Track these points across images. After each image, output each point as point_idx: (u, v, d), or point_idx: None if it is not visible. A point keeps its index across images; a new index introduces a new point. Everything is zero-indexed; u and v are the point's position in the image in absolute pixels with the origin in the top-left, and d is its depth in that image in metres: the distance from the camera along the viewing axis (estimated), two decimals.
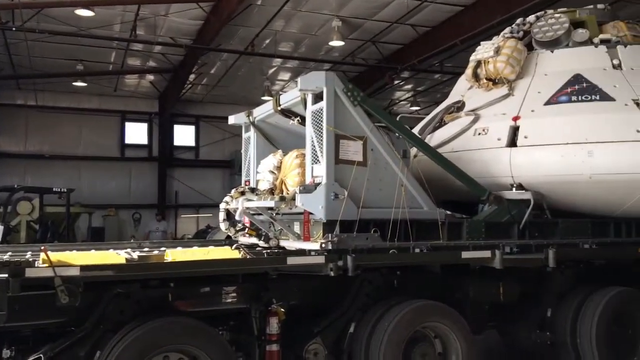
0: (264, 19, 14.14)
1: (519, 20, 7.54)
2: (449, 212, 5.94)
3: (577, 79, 6.32)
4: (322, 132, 5.16)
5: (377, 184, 5.32)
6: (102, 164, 21.00)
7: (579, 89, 6.17)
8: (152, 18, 14.26)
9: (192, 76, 18.41)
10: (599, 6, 7.54)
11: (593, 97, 6.02)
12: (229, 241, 6.55)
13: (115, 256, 5.06)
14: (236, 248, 5.48)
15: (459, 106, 7.09)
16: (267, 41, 15.71)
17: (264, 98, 20.02)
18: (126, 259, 4.89)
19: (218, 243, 6.94)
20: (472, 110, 6.73)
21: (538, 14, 7.42)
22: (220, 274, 4.55)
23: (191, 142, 22.96)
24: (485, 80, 6.87)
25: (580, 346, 5.65)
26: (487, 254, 5.12)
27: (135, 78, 19.78)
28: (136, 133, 22.06)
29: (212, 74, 18.95)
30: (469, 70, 7.03)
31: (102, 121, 21.25)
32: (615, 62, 6.43)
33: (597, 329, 5.53)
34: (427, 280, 5.48)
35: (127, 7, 13.61)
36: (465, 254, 5.07)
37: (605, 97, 5.99)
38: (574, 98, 6.10)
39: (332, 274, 4.55)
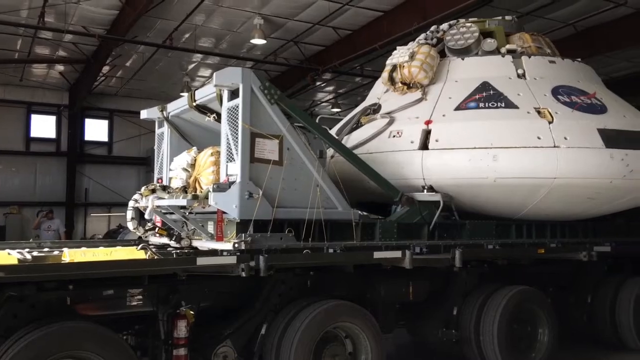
0: (183, 12, 13.65)
1: (433, 28, 7.80)
2: (364, 213, 6.05)
3: (485, 86, 6.61)
4: (237, 130, 5.06)
5: (292, 184, 5.30)
6: (5, 158, 19.58)
7: (487, 96, 6.46)
8: (63, 5, 13.34)
9: (105, 68, 17.56)
10: (507, 18, 7.96)
11: (499, 104, 6.33)
12: (140, 241, 6.28)
13: (6, 257, 4.70)
14: (142, 248, 5.25)
15: (375, 108, 7.22)
16: (187, 35, 15.23)
17: (182, 94, 19.33)
18: (18, 259, 4.54)
19: (127, 243, 6.64)
20: (388, 113, 6.87)
21: (451, 22, 7.71)
22: (124, 276, 4.33)
23: (104, 137, 21.90)
24: (400, 84, 7.04)
25: (483, 344, 5.91)
26: (397, 254, 5.24)
27: (43, 68, 18.58)
28: (43, 126, 20.73)
29: (128, 66, 18.18)
30: (385, 74, 7.17)
31: (6, 112, 19.78)
32: (520, 71, 6.80)
33: (498, 327, 5.80)
34: (341, 280, 5.52)
35: None
36: (377, 254, 5.16)
37: (510, 104, 6.30)
38: (481, 104, 6.38)
39: (243, 274, 4.46)
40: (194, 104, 5.90)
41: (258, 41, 14.51)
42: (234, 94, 5.19)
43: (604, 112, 6.33)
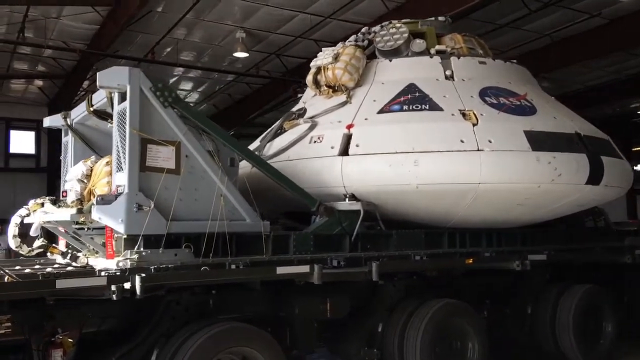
0: (165, 26, 13.67)
1: (364, 29, 7.46)
2: (288, 223, 5.62)
3: (411, 88, 6.27)
4: (126, 136, 4.59)
5: (192, 194, 4.84)
6: None
7: (412, 98, 6.11)
8: (43, 20, 13.26)
9: (86, 83, 17.35)
10: (440, 18, 7.68)
11: (423, 106, 5.98)
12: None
13: None
14: None
15: (300, 113, 6.83)
16: (169, 49, 15.27)
17: None
18: None
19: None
20: (311, 118, 6.48)
21: (383, 23, 7.38)
22: None
23: None
24: (325, 87, 6.67)
25: None
26: (305, 268, 4.80)
27: (22, 83, 18.35)
28: (22, 142, 20.46)
29: None
30: (309, 77, 6.80)
31: None
32: (448, 72, 6.48)
33: (421, 344, 5.39)
34: (248, 299, 5.07)
35: (14, 8, 12.56)
36: (281, 270, 4.70)
37: (435, 106, 5.97)
38: (405, 107, 6.03)
39: (114, 297, 3.97)
40: (92, 109, 5.42)
41: (240, 54, 14.58)
42: (124, 97, 4.72)
43: (533, 114, 6.04)
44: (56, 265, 5.16)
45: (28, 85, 18.57)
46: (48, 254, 5.30)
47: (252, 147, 6.90)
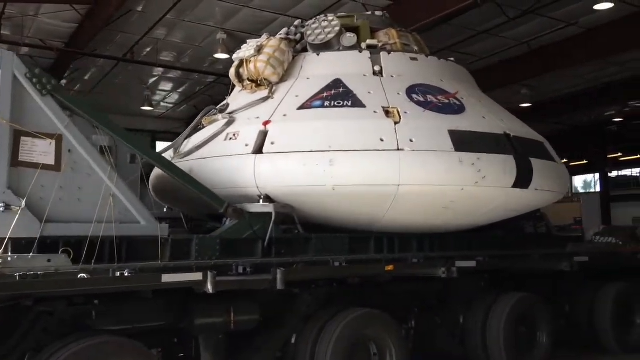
0: (145, 26, 13.36)
1: (297, 22, 7.12)
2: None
3: (336, 83, 5.91)
4: None
5: (75, 194, 4.39)
6: None
7: (335, 94, 5.75)
8: (20, 18, 12.94)
9: (63, 81, 16.87)
10: (377, 13, 7.36)
11: (345, 103, 5.62)
12: None
13: None
14: None
15: (222, 108, 6.40)
16: (148, 49, 14.99)
17: (144, 108, 19.42)
18: None
19: None
20: (230, 113, 6.06)
21: (319, 17, 7.00)
22: None
23: None
24: (248, 82, 6.26)
25: None
26: (197, 276, 4.36)
27: None
28: None
29: (86, 80, 17.71)
30: (232, 70, 6.39)
31: None
32: (377, 68, 6.14)
33: (332, 356, 5.00)
34: (139, 309, 4.60)
35: None
36: (167, 277, 4.24)
37: (357, 103, 5.61)
38: (327, 103, 5.65)
39: None
40: None
41: (221, 55, 14.31)
42: None
43: (460, 113, 5.73)
44: None
45: None
46: None
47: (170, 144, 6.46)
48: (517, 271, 7.13)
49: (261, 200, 5.41)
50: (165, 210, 7.39)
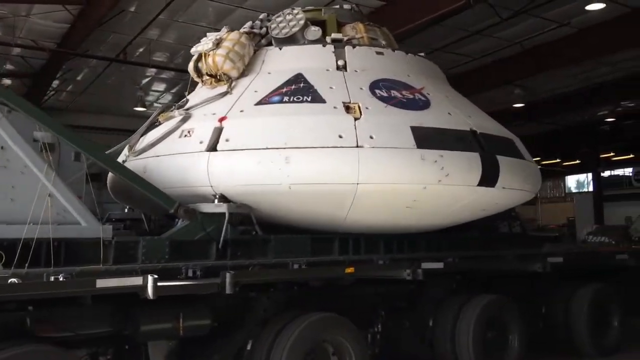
0: (137, 26, 13.30)
1: (262, 16, 6.89)
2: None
3: (297, 78, 5.68)
4: None
5: (7, 193, 4.13)
6: None
7: (295, 89, 5.52)
8: (12, 18, 12.88)
9: (55, 82, 17.13)
10: (345, 6, 7.13)
11: (305, 98, 5.39)
12: None
13: None
14: None
15: (181, 105, 6.15)
16: (141, 50, 14.99)
17: (136, 109, 19.31)
18: None
19: None
20: (187, 109, 5.81)
21: (285, 10, 6.77)
22: None
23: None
24: (207, 76, 6.01)
25: None
26: (136, 281, 4.11)
27: None
28: None
29: (79, 80, 17.73)
30: (190, 64, 6.13)
31: None
32: (341, 62, 5.91)
33: None
34: (79, 316, 4.34)
35: None
36: (103, 282, 3.99)
37: (317, 98, 5.38)
38: (286, 99, 5.42)
39: None
40: None
41: None
42: None
43: (425, 109, 5.51)
44: None
45: None
46: None
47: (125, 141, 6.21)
48: (489, 272, 6.94)
49: (216, 200, 5.17)
50: (126, 210, 7.15)
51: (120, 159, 5.95)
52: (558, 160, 31.12)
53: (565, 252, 7.68)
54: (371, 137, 4.98)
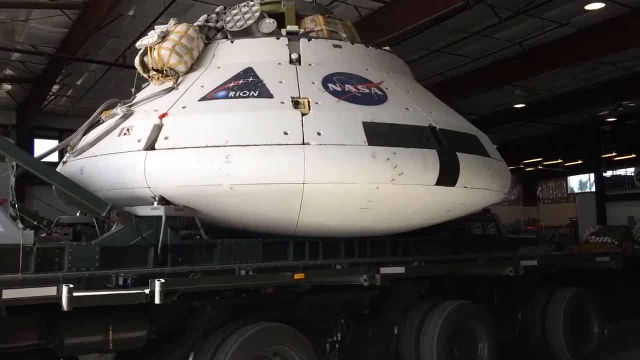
0: (136, 30, 13.11)
1: (218, 9, 6.58)
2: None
3: (247, 72, 5.35)
4: None
5: None
6: None
7: (242, 84, 5.18)
8: (10, 23, 12.86)
9: (55, 87, 17.06)
10: None
11: (252, 93, 5.05)
12: None
13: None
14: None
15: (127, 102, 5.80)
16: None
17: None
18: None
19: None
20: (130, 106, 5.48)
21: (241, 3, 6.44)
22: None
23: (54, 157, 19.85)
24: (153, 72, 5.67)
25: None
26: (50, 291, 3.75)
27: None
28: None
29: (79, 85, 17.69)
30: (136, 59, 5.81)
31: None
32: (294, 56, 5.58)
33: None
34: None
35: None
36: (10, 293, 3.62)
37: (265, 93, 5.04)
38: (232, 94, 5.08)
39: None
40: None
41: None
42: None
43: (381, 103, 5.17)
44: None
45: None
46: None
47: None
48: (458, 277, 6.61)
49: (155, 202, 4.82)
50: (77, 214, 6.78)
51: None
52: (560, 161, 30.90)
53: (540, 255, 7.34)
54: (319, 134, 4.64)
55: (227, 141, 4.58)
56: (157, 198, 4.82)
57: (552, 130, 25.10)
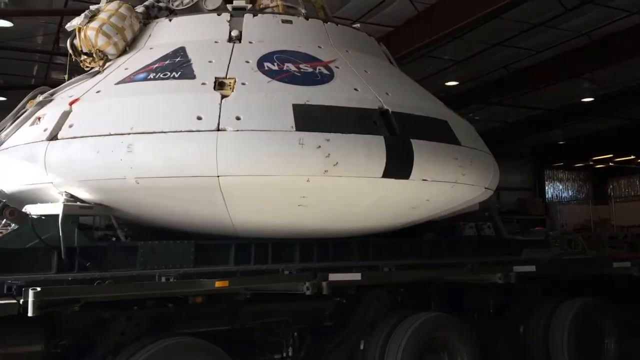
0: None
1: None
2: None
3: (176, 53, 4.74)
4: None
5: None
6: None
7: (167, 65, 4.56)
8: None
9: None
10: None
11: (173, 74, 4.42)
12: None
13: None
14: None
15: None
16: None
17: None
18: None
19: None
20: (52, 93, 4.96)
21: None
22: None
23: None
24: (84, 55, 5.14)
25: None
26: None
27: None
28: None
29: None
30: (68, 41, 5.28)
31: None
32: (234, 33, 4.93)
33: None
34: None
35: (49, 19, 12.07)
36: None
37: (187, 74, 4.40)
38: (152, 75, 4.47)
39: None
40: None
41: None
42: None
43: (324, 83, 4.43)
44: None
45: None
46: None
47: None
48: (444, 284, 5.78)
49: (62, 199, 4.26)
50: None
51: None
52: (633, 157, 28.94)
53: (544, 260, 6.40)
54: (238, 119, 3.96)
55: (132, 128, 3.97)
56: (64, 194, 4.26)
57: (623, 125, 23.36)
